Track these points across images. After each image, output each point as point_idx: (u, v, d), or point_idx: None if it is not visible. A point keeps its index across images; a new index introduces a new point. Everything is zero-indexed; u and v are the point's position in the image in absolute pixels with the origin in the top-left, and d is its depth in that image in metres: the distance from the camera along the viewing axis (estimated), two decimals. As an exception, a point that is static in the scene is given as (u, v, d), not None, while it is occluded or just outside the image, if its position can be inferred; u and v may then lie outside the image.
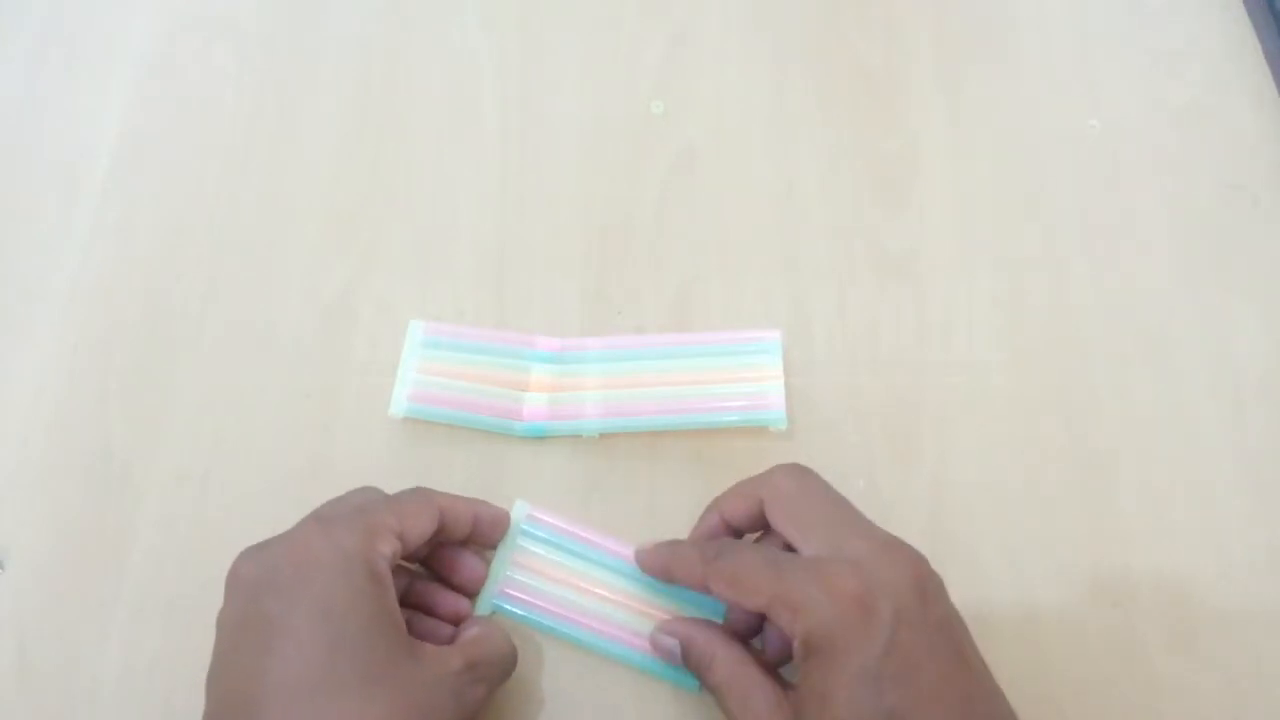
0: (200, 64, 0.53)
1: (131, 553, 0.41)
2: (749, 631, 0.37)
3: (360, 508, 0.35)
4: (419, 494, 0.37)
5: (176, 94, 0.52)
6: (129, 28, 0.54)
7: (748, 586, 0.33)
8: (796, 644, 0.31)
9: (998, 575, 0.40)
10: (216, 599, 0.40)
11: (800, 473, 0.36)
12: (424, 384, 0.43)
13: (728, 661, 0.35)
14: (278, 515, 0.41)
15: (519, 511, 0.40)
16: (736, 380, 0.43)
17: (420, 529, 0.35)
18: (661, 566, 0.37)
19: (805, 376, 0.44)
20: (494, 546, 0.40)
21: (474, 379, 0.43)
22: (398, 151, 0.50)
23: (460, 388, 0.43)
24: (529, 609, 0.39)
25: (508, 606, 0.39)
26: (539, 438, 0.43)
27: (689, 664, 0.36)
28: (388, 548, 0.33)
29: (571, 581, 0.40)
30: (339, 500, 0.37)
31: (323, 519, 0.34)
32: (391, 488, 0.42)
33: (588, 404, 0.43)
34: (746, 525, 0.37)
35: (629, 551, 0.39)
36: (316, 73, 0.52)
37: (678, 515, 0.41)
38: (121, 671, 0.39)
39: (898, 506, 0.41)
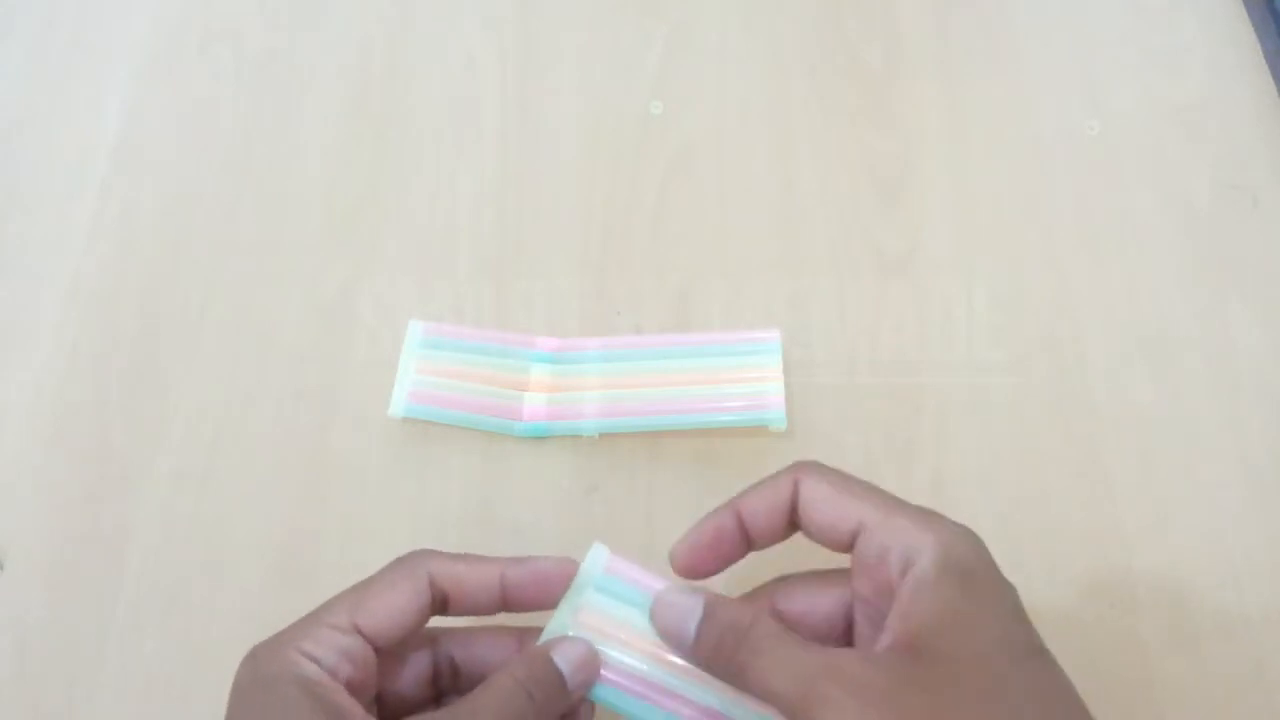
0: (200, 64, 0.53)
1: (131, 553, 0.41)
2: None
3: (321, 606, 0.30)
4: (399, 564, 0.31)
5: (176, 94, 0.52)
6: (128, 28, 0.54)
7: (866, 499, 0.29)
8: (927, 562, 0.27)
9: (998, 575, 0.40)
10: (215, 599, 0.40)
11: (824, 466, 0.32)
12: (424, 384, 0.43)
13: (768, 623, 0.28)
14: (277, 515, 0.42)
15: (596, 558, 0.32)
16: (736, 380, 0.43)
17: (387, 605, 0.30)
18: (710, 535, 0.32)
19: (805, 376, 0.44)
20: (551, 607, 0.32)
21: (474, 379, 0.43)
22: (397, 152, 0.50)
23: (460, 388, 0.43)
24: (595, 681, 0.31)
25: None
26: (539, 438, 0.43)
27: (706, 641, 0.29)
28: (319, 647, 0.28)
29: (650, 650, 0.31)
30: None
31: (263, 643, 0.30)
32: (391, 488, 0.42)
33: (587, 404, 0.43)
34: (767, 524, 0.32)
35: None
36: (316, 72, 0.52)
37: (678, 515, 0.41)
38: (121, 671, 0.39)
39: (897, 506, 0.41)
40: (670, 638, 0.30)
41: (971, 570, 0.28)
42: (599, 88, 0.52)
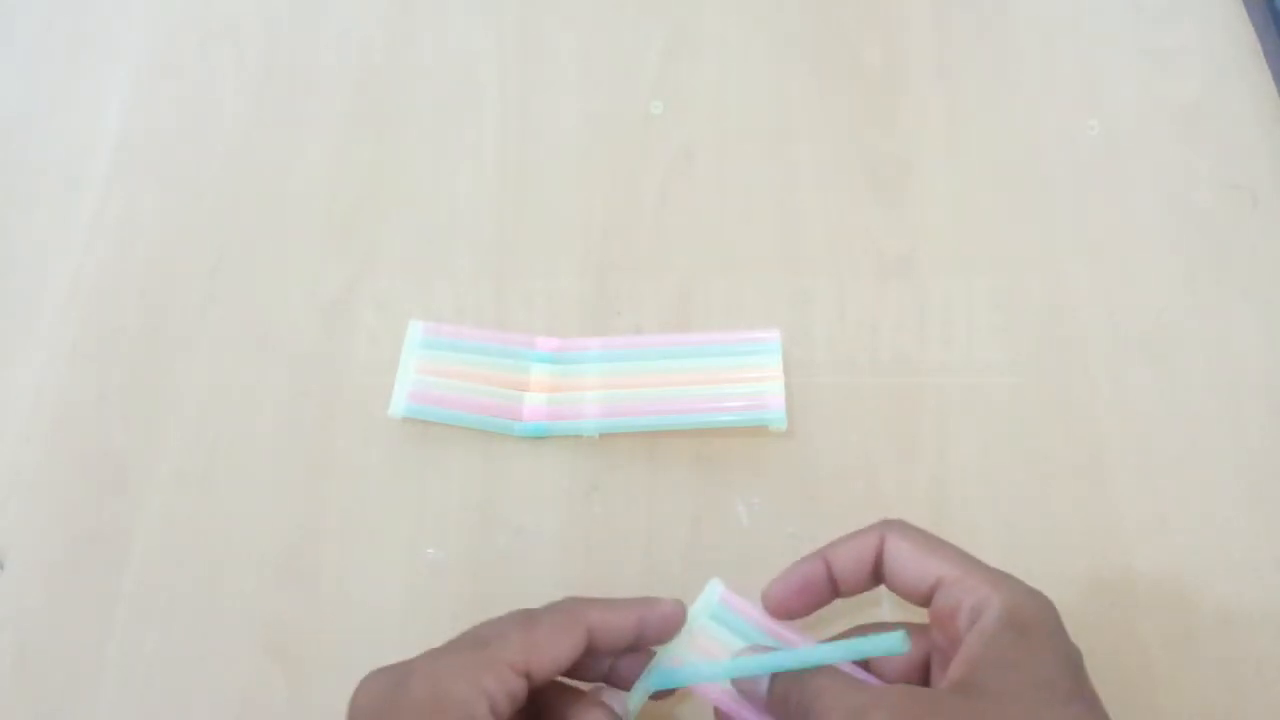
0: (200, 64, 0.53)
1: (131, 553, 0.41)
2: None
3: (484, 639, 0.31)
4: (564, 612, 0.32)
5: (176, 94, 0.52)
6: (129, 28, 0.54)
7: (946, 558, 0.31)
8: (992, 615, 0.29)
9: (998, 575, 0.40)
10: (215, 599, 0.40)
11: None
12: (424, 384, 0.43)
13: (826, 670, 0.31)
14: (277, 516, 0.42)
15: (712, 591, 0.34)
16: (736, 380, 0.43)
17: (555, 656, 0.31)
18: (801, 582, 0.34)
19: (805, 376, 0.44)
20: (666, 641, 0.34)
21: (474, 379, 0.43)
22: (397, 152, 0.50)
23: (460, 388, 0.43)
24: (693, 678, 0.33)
25: (672, 677, 0.33)
26: (539, 438, 0.43)
27: (776, 695, 0.31)
28: (499, 687, 0.30)
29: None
30: (491, 622, 0.33)
31: (438, 652, 0.31)
32: (391, 488, 0.42)
33: (587, 404, 0.43)
34: (853, 574, 0.33)
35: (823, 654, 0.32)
36: (316, 72, 0.52)
37: (678, 515, 0.41)
38: (121, 671, 0.39)
39: (898, 507, 0.41)
40: (747, 695, 0.32)
41: (1032, 626, 0.29)
42: (599, 88, 0.52)
